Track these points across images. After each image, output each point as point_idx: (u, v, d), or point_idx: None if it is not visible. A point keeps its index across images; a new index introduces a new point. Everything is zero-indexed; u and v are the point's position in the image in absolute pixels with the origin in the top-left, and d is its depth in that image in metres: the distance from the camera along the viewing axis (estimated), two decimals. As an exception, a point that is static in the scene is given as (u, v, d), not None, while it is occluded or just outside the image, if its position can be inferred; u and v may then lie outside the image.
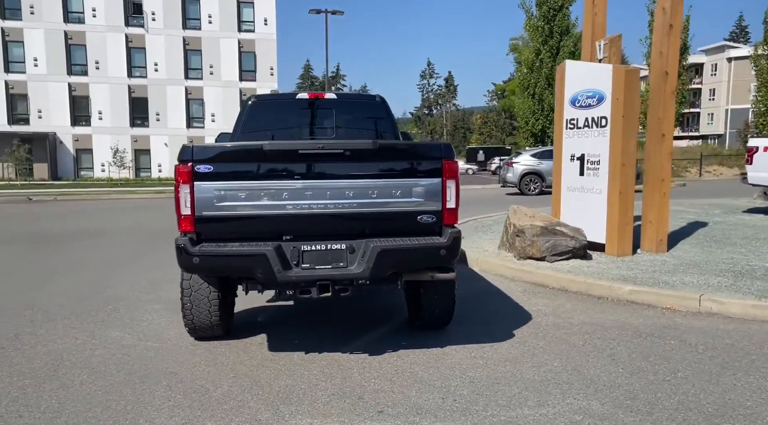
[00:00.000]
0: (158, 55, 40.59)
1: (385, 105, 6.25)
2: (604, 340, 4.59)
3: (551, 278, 6.51)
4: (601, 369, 3.96)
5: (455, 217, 3.98)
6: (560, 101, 8.41)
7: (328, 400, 3.41)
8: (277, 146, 3.81)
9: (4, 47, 39.23)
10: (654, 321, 5.15)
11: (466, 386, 3.66)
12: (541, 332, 4.81)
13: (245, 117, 5.94)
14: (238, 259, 3.65)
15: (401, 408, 3.32)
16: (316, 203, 3.77)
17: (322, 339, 4.57)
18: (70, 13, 39.81)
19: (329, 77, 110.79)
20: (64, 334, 4.65)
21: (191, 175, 3.63)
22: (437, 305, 4.62)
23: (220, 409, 3.26)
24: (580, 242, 7.30)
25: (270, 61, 42.37)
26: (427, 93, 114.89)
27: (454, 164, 3.93)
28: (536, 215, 7.77)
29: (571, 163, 8.23)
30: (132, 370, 3.87)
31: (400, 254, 3.79)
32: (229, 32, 41.43)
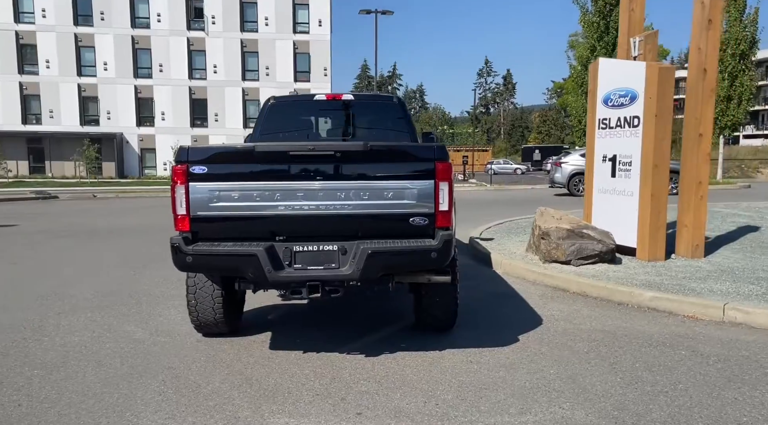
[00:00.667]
0: (217, 57, 41.91)
1: (402, 106, 6.27)
2: (610, 348, 4.46)
3: (572, 283, 6.36)
4: (598, 378, 3.86)
5: (448, 219, 3.94)
6: (593, 100, 8.18)
7: (311, 400, 3.47)
8: (268, 147, 3.90)
9: (78, 52, 41.47)
10: (671, 329, 4.95)
11: (453, 391, 3.64)
12: (547, 337, 4.72)
13: (264, 118, 6.09)
14: (229, 259, 3.75)
15: (381, 410, 3.35)
16: (307, 204, 3.82)
17: (325, 339, 4.64)
18: (137, 19, 41.66)
19: (386, 76, 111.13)
20: (83, 327, 4.92)
21: (187, 176, 3.76)
22: (439, 307, 4.61)
23: (205, 405, 3.37)
24: (607, 245, 7.09)
25: (324, 61, 42.97)
26: (485, 91, 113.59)
27: (447, 166, 3.90)
28: (564, 217, 7.60)
29: (603, 164, 8.00)
30: (134, 364, 4.05)
31: (390, 256, 3.79)
32: (284, 34, 42.30)
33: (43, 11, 40.86)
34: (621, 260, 7.35)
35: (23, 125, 41.71)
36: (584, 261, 7.06)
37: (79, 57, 41.44)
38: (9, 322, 5.06)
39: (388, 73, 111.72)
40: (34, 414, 3.22)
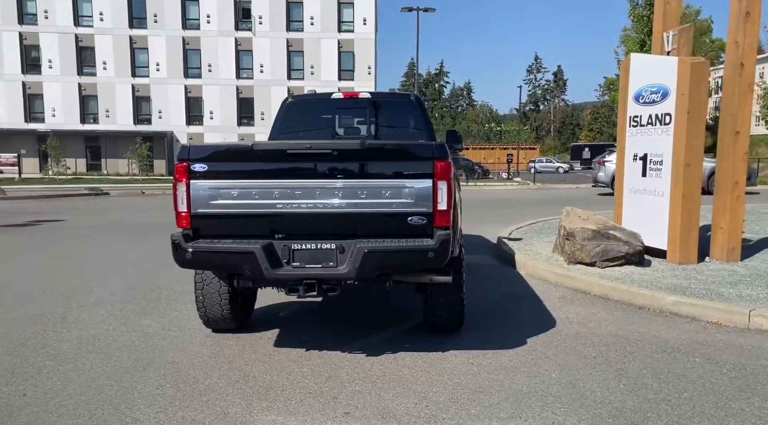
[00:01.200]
0: (264, 57, 42.67)
1: (420, 104, 6.24)
2: (621, 353, 4.32)
3: (593, 285, 6.19)
4: (600, 384, 3.74)
5: (447, 219, 3.88)
6: (624, 97, 7.94)
7: (302, 398, 3.50)
8: (266, 146, 3.94)
9: (132, 54, 42.98)
10: (690, 335, 4.76)
11: (447, 392, 3.60)
12: (557, 341, 4.61)
13: (282, 117, 6.17)
14: (227, 256, 3.80)
15: (369, 410, 3.34)
16: (305, 202, 3.83)
17: (330, 337, 4.67)
18: (188, 20, 42.84)
19: (433, 74, 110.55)
20: (101, 320, 5.10)
21: (187, 173, 3.84)
22: (444, 308, 4.56)
23: (198, 400, 3.44)
24: (634, 247, 6.86)
25: (368, 60, 43.14)
26: (534, 88, 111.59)
27: (445, 165, 3.83)
28: (590, 217, 7.41)
29: (634, 163, 7.75)
30: (141, 357, 4.17)
31: (387, 255, 3.77)
32: (329, 33, 42.68)
33: (100, 14, 42.50)
34: (650, 262, 7.11)
35: (82, 124, 43.53)
36: (610, 263, 6.86)
37: (133, 58, 42.94)
38: (35, 313, 5.30)
39: (435, 70, 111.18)
40: (35, 404, 3.36)
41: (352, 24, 42.97)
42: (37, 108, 43.65)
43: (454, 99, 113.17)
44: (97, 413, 3.25)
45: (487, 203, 18.79)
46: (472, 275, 7.10)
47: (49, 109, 43.45)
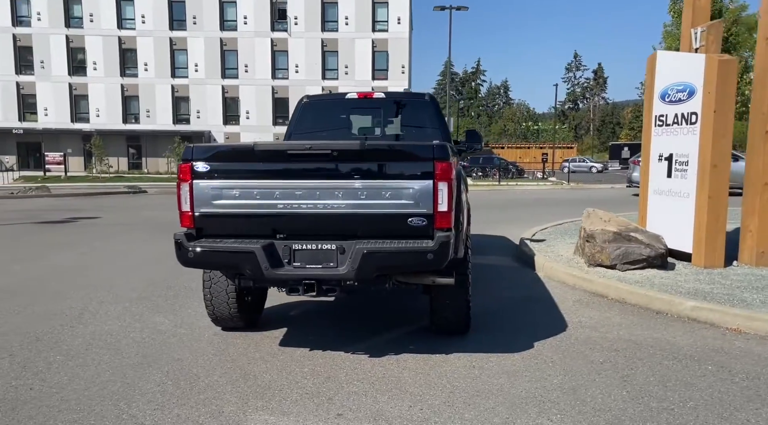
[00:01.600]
0: (299, 57, 43.13)
1: (434, 103, 6.21)
2: (629, 359, 4.22)
3: (611, 289, 6.05)
4: (603, 391, 3.66)
5: (448, 220, 3.84)
6: (649, 96, 7.73)
7: (298, 399, 3.52)
8: (267, 146, 3.96)
9: (172, 55, 44.00)
10: (706, 342, 4.61)
11: (443, 396, 3.58)
12: (565, 345, 4.53)
13: (297, 117, 6.22)
14: (229, 255, 3.84)
15: (363, 412, 3.34)
16: (306, 203, 3.85)
17: (337, 337, 4.69)
18: (226, 22, 43.61)
19: (469, 73, 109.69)
20: (116, 316, 5.24)
21: (191, 173, 3.91)
22: (449, 310, 4.53)
23: (195, 398, 3.50)
24: (656, 250, 6.68)
25: (402, 59, 43.13)
26: (573, 86, 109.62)
27: (446, 166, 3.79)
28: (612, 219, 7.24)
29: (659, 163, 7.54)
30: (148, 354, 4.27)
31: (386, 256, 3.75)
32: (363, 33, 42.84)
33: (142, 17, 43.65)
34: (674, 266, 6.91)
35: (124, 124, 44.79)
36: (631, 266, 6.70)
37: (173, 60, 43.96)
38: (56, 309, 5.48)
39: (471, 69, 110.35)
40: (39, 398, 3.47)
41: (387, 23, 43.02)
42: (83, 109, 45.10)
43: (491, 98, 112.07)
44: (97, 408, 3.34)
45: (517, 202, 18.55)
46: (489, 276, 7.06)
47: (93, 109, 44.85)
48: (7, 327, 4.92)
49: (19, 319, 5.16)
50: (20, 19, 43.85)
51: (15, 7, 43.74)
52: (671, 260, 7.11)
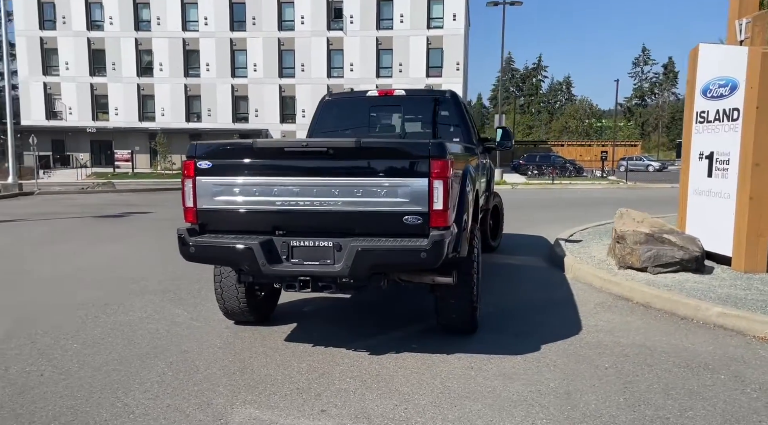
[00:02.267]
0: (354, 55, 43.46)
1: (456, 100, 6.14)
2: (637, 365, 4.06)
3: (636, 292, 5.82)
4: (599, 397, 3.55)
5: (444, 219, 3.79)
6: (691, 91, 7.38)
7: (287, 393, 3.57)
8: (265, 144, 4.03)
9: (232, 55, 45.25)
10: (727, 350, 4.38)
11: (432, 396, 3.55)
12: (573, 349, 4.40)
13: (318, 115, 6.29)
14: (228, 251, 3.92)
15: (347, 409, 3.36)
16: (303, 200, 3.89)
17: (343, 334, 4.72)
18: (284, 22, 44.45)
19: (530, 69, 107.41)
20: (139, 308, 5.47)
21: (194, 170, 4.02)
22: (453, 310, 4.47)
23: (189, 389, 3.61)
24: (690, 253, 6.38)
25: (457, 56, 42.75)
26: (640, 81, 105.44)
27: (443, 164, 3.74)
28: (646, 220, 6.97)
29: (699, 162, 7.20)
30: (157, 345, 4.44)
31: (379, 254, 3.75)
32: (418, 30, 42.70)
33: (205, 19, 45.06)
34: (712, 270, 6.59)
35: (186, 122, 46.42)
36: (663, 269, 6.42)
37: (233, 60, 45.19)
38: (84, 300, 5.76)
39: (533, 65, 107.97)
40: (46, 384, 3.68)
41: (442, 20, 42.72)
42: (149, 108, 47.03)
43: (552, 94, 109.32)
44: (95, 396, 3.51)
45: (566, 202, 18.07)
46: (515, 277, 6.94)
47: (159, 109, 46.69)
48: (39, 315, 5.22)
49: (51, 308, 5.47)
50: (94, 23, 46.12)
51: (90, 12, 46.06)
52: (710, 263, 6.78)
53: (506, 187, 26.25)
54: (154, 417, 3.24)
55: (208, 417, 3.25)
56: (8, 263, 7.87)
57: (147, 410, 3.33)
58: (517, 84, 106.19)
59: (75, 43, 45.95)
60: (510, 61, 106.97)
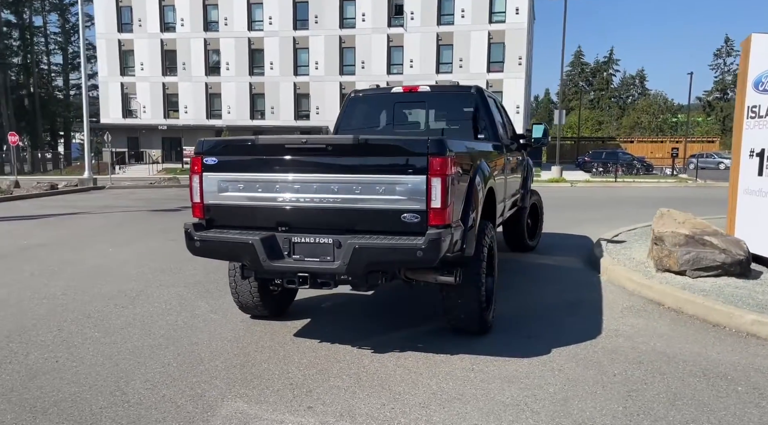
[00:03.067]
0: (414, 52, 43.34)
1: (482, 96, 6.01)
2: (650, 373, 3.87)
3: (668, 296, 5.54)
4: (597, 404, 3.41)
5: (442, 217, 3.71)
6: (742, 85, 6.93)
7: (279, 389, 3.61)
8: (267, 140, 4.06)
9: (294, 54, 46.14)
10: (753, 360, 4.10)
11: (423, 397, 3.51)
12: (585, 354, 4.24)
13: (344, 112, 6.32)
14: (231, 246, 4.00)
15: (333, 407, 3.37)
16: (303, 196, 3.91)
17: (351, 331, 4.72)
18: (345, 20, 44.90)
19: (601, 62, 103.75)
20: (165, 300, 5.66)
21: (201, 166, 4.12)
22: (460, 309, 4.39)
23: (187, 381, 3.71)
24: (733, 257, 6.00)
25: (519, 50, 41.83)
26: (722, 74, 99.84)
27: (441, 161, 3.66)
28: (688, 220, 6.61)
29: (750, 160, 6.75)
30: (171, 336, 4.59)
31: (376, 252, 3.72)
32: (479, 25, 42.08)
33: (270, 18, 46.15)
34: (760, 274, 6.19)
35: (251, 120, 47.74)
36: (703, 273, 6.07)
37: (295, 58, 46.07)
38: (118, 290, 6.03)
39: (603, 58, 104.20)
40: (57, 370, 3.88)
41: (504, 14, 41.89)
42: (216, 106, 48.67)
43: (624, 88, 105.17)
44: (99, 384, 3.67)
45: (624, 201, 17.33)
46: (546, 277, 6.74)
47: (225, 106, 48.23)
48: (73, 304, 5.52)
49: (87, 297, 5.77)
50: (167, 25, 48.14)
51: (163, 14, 48.12)
52: (760, 268, 6.37)
53: (564, 185, 25.51)
54: (146, 406, 3.36)
55: (197, 409, 3.33)
56: (58, 253, 8.34)
57: (142, 399, 3.45)
58: (587, 78, 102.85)
59: (149, 44, 48.09)
60: (579, 54, 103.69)
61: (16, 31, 60.09)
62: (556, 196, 19.31)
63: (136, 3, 47.75)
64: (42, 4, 61.11)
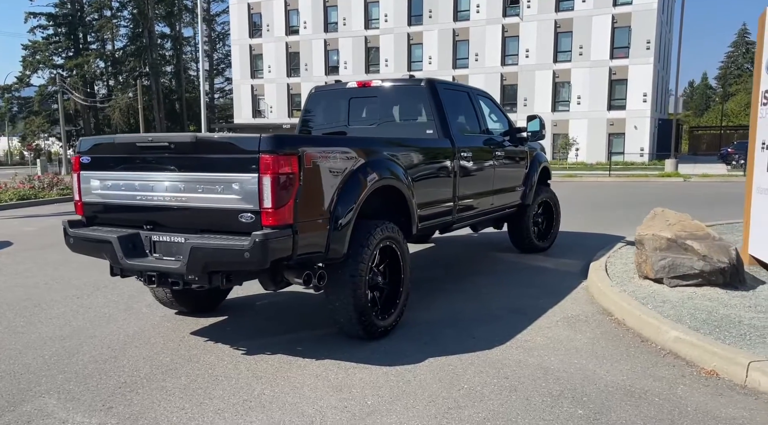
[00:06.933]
0: (530, 41, 41.76)
1: (432, 90, 5.75)
2: (497, 390, 3.60)
3: (617, 306, 5.03)
4: (398, 420, 3.27)
5: (276, 218, 3.62)
6: (758, 67, 6.03)
7: (95, 388, 3.70)
8: (122, 138, 4.22)
9: (409, 50, 46.49)
10: (643, 383, 3.64)
11: (231, 402, 3.52)
12: (459, 366, 3.99)
13: (304, 109, 6.44)
14: (95, 244, 4.18)
15: (132, 409, 3.40)
16: (159, 195, 3.98)
17: (251, 332, 4.77)
18: (459, 12, 44.41)
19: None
20: (129, 295, 6.10)
21: (78, 165, 4.33)
22: (340, 313, 4.31)
23: (25, 377, 3.89)
24: (713, 265, 5.28)
25: (647, 34, 38.61)
26: None
27: (272, 159, 3.57)
28: (681, 222, 5.90)
29: (762, 153, 5.88)
30: (78, 328, 5.03)
31: (208, 252, 3.71)
32: (603, 9, 39.47)
33: (385, 16, 46.96)
34: (755, 285, 5.40)
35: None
36: (681, 281, 5.42)
37: (409, 54, 46.44)
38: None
39: None
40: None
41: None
42: (337, 104, 50.69)
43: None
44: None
45: (733, 198, 15.40)
46: (525, 282, 6.41)
47: (345, 104, 50.09)
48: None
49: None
50: (291, 28, 50.87)
51: (288, 18, 50.92)
52: (762, 276, 5.57)
53: (675, 180, 23.26)
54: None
55: (3, 402, 3.52)
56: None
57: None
58: (752, 59, 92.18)
59: (275, 47, 51.12)
60: (744, 33, 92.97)
61: (168, 42, 66.85)
62: (645, 192, 17.81)
63: (265, 9, 50.96)
64: (192, 17, 67.21)
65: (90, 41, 63.56)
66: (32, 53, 59.66)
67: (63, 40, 60.81)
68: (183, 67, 67.97)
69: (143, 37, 62.07)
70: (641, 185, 21.28)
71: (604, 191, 18.79)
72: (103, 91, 65.22)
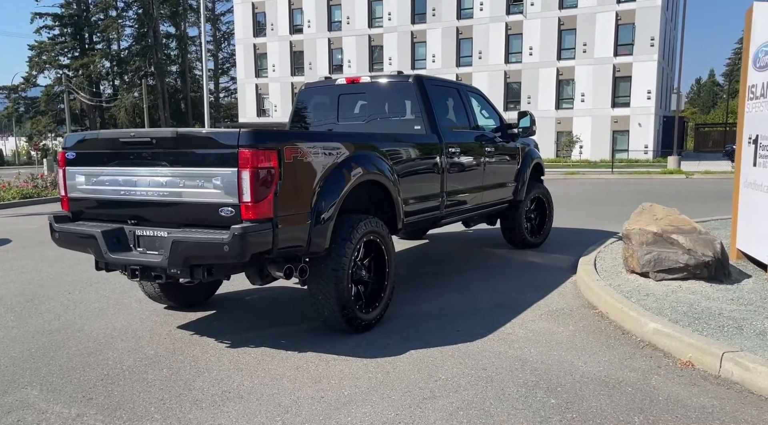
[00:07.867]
0: (533, 39, 41.65)
1: (419, 86, 5.79)
2: (474, 381, 3.65)
3: (601, 300, 5.07)
4: (373, 410, 3.32)
5: (255, 212, 3.66)
6: (745, 61, 6.04)
7: (80, 379, 3.77)
8: (106, 134, 4.28)
9: (412, 48, 46.45)
10: (620, 374, 3.68)
11: (208, 393, 3.59)
12: (439, 359, 4.05)
13: (295, 106, 6.49)
14: (80, 238, 4.23)
15: (110, 400, 3.45)
16: (142, 189, 4.04)
17: (236, 326, 4.81)
18: (463, 10, 44.35)
19: None
20: (120, 290, 6.22)
21: (64, 161, 4.40)
22: (323, 306, 4.35)
23: (12, 368, 4.01)
24: (697, 258, 5.30)
25: (651, 31, 38.43)
26: None
27: (251, 153, 3.61)
28: (669, 217, 5.93)
29: (748, 148, 5.89)
30: (68, 321, 5.12)
31: (189, 246, 3.76)
32: (606, 6, 39.33)
33: (389, 15, 46.96)
34: (742, 279, 5.42)
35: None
36: (667, 275, 5.44)
37: (413, 52, 46.42)
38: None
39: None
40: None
41: (635, -8, 38.77)
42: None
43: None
44: None
45: (722, 195, 15.36)
46: (513, 276, 6.43)
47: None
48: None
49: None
50: (295, 27, 50.96)
51: (292, 17, 51.02)
52: (758, 272, 5.59)
53: (677, 177, 23.20)
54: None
55: None
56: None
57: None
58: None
59: (279, 46, 51.21)
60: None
61: (173, 42, 67.13)
62: (646, 189, 17.78)
63: (269, 8, 51.06)
64: (197, 16, 67.39)
65: (95, 41, 63.95)
66: (38, 54, 60.14)
67: (69, 40, 61.26)
68: (188, 67, 68.24)
69: (148, 37, 62.39)
70: (643, 182, 21.24)
71: (606, 188, 18.77)
72: (108, 90, 65.66)
